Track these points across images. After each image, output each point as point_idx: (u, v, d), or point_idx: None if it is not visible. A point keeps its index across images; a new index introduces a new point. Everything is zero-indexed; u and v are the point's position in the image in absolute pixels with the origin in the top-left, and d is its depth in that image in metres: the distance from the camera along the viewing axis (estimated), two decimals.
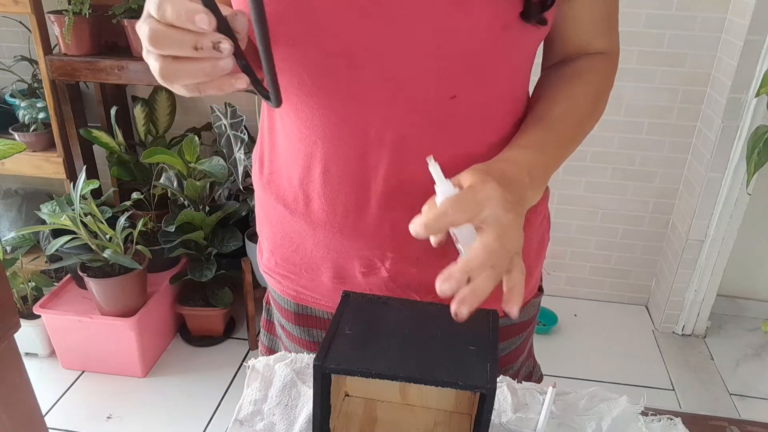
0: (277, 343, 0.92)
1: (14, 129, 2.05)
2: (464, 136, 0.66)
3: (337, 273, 0.75)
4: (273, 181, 0.75)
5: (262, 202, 0.80)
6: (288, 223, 0.76)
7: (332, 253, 0.74)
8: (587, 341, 2.27)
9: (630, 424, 0.68)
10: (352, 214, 0.70)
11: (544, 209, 0.81)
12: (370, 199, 0.68)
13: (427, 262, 0.72)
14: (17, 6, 1.79)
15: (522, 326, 0.85)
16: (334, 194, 0.69)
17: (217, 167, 1.88)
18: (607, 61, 0.71)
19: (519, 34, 0.60)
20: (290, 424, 0.67)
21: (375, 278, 0.74)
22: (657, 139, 2.18)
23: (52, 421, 1.81)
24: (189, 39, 0.46)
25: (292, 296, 0.82)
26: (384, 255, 0.72)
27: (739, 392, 2.04)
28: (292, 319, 0.84)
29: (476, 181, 0.52)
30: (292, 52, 0.61)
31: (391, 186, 0.67)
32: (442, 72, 0.61)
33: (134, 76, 1.88)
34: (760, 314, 2.39)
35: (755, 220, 2.20)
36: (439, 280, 0.50)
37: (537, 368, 0.96)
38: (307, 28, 0.59)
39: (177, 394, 1.94)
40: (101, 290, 1.85)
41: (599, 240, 2.39)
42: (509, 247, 0.51)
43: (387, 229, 0.70)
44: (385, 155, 0.65)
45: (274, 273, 0.82)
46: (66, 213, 1.72)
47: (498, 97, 0.66)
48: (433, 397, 0.66)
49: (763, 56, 1.85)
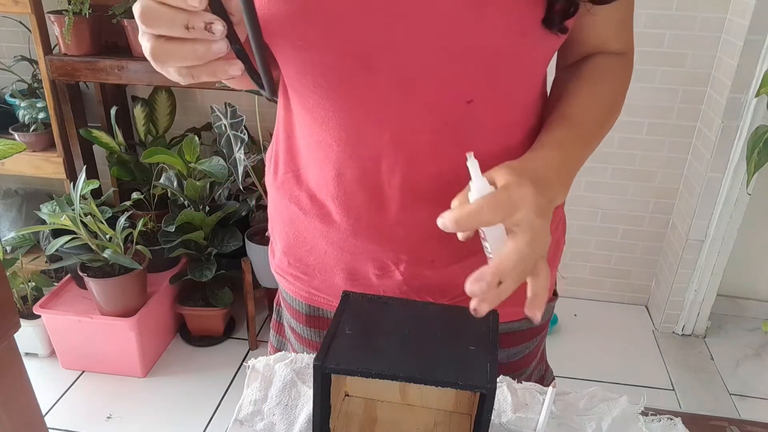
0: (286, 345, 0.92)
1: (14, 129, 2.06)
2: (480, 140, 0.65)
3: (350, 275, 0.75)
4: (287, 182, 0.75)
5: (275, 204, 0.80)
6: (302, 225, 0.75)
7: (346, 255, 0.74)
8: (587, 341, 2.27)
9: (630, 424, 0.68)
10: (367, 217, 0.69)
11: (560, 212, 0.81)
12: (384, 202, 0.68)
13: (442, 264, 0.72)
14: (17, 6, 1.79)
15: (536, 331, 0.84)
16: (349, 197, 0.69)
17: (217, 167, 1.88)
18: (624, 60, 0.71)
19: (536, 41, 0.60)
20: (290, 424, 0.67)
21: (389, 280, 0.74)
22: (657, 139, 2.18)
23: (52, 421, 1.81)
24: (180, 18, 0.45)
25: (304, 297, 0.82)
26: (398, 257, 0.72)
27: (739, 392, 2.04)
28: (303, 321, 0.84)
29: (511, 181, 0.52)
30: (307, 54, 0.60)
31: (406, 189, 0.66)
32: (457, 76, 0.60)
33: (134, 76, 1.88)
34: (760, 314, 2.39)
35: (755, 220, 2.20)
36: (470, 281, 0.50)
37: (549, 372, 0.95)
38: (320, 31, 0.58)
39: (177, 394, 1.94)
40: (101, 290, 1.85)
41: (599, 240, 2.39)
42: (538, 251, 0.52)
43: (401, 231, 0.69)
44: (400, 159, 0.64)
45: (286, 274, 0.82)
46: (66, 213, 1.72)
47: (514, 101, 0.66)
48: (433, 397, 0.66)
49: (763, 56, 1.85)
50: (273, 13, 0.58)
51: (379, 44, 0.58)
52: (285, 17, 0.58)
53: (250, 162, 1.88)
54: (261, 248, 1.98)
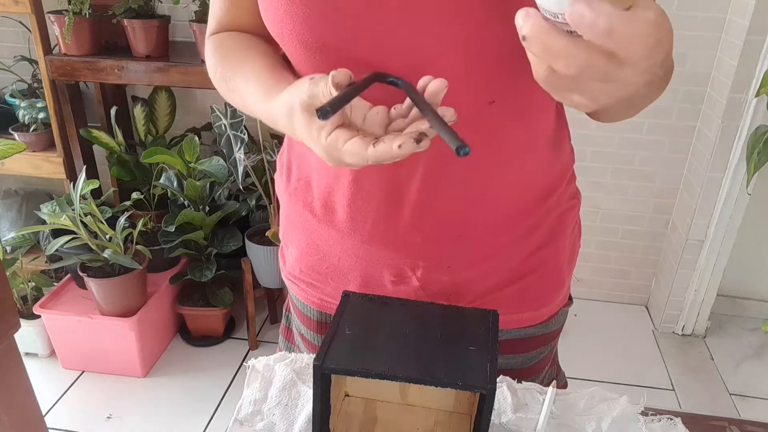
0: (294, 351, 0.92)
1: (14, 129, 2.05)
2: (502, 140, 0.64)
3: (365, 282, 0.74)
4: (300, 188, 0.74)
5: (288, 210, 0.79)
6: (315, 232, 0.75)
7: (361, 262, 0.73)
8: (587, 341, 2.27)
9: (630, 424, 0.68)
10: (383, 224, 0.68)
11: (576, 216, 0.80)
12: (402, 209, 0.67)
13: (459, 268, 0.72)
14: (17, 6, 1.79)
15: (552, 336, 0.84)
16: (365, 204, 0.68)
17: (217, 167, 1.88)
18: None
19: None
20: (290, 424, 0.67)
21: (405, 287, 0.73)
22: (657, 139, 2.18)
23: (52, 421, 1.81)
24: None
25: (315, 304, 0.81)
26: (415, 264, 0.71)
27: (739, 392, 2.04)
28: (313, 327, 0.83)
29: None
30: (323, 57, 0.59)
31: (424, 195, 0.65)
32: (479, 77, 0.59)
33: (134, 76, 1.88)
34: (760, 314, 2.39)
35: (755, 220, 2.20)
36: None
37: (561, 375, 0.95)
38: (337, 34, 0.57)
39: (177, 394, 1.94)
40: (101, 290, 1.85)
41: (599, 240, 2.39)
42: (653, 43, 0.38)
43: (419, 237, 0.68)
44: (419, 165, 0.63)
45: (298, 281, 0.81)
46: (66, 213, 1.72)
47: (536, 101, 0.65)
48: (433, 397, 0.66)
49: (763, 56, 1.85)
50: (290, 14, 0.58)
51: (397, 47, 0.57)
52: (302, 19, 0.57)
53: (250, 162, 1.88)
54: (261, 248, 1.98)
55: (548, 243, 0.75)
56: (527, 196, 0.71)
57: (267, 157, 1.92)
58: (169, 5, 1.99)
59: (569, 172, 0.77)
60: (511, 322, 0.77)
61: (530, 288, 0.76)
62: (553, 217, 0.75)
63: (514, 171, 0.68)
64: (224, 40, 0.70)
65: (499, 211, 0.69)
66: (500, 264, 0.74)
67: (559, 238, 0.76)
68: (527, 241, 0.73)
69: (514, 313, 0.77)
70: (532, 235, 0.73)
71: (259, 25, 0.64)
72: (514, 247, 0.73)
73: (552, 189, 0.73)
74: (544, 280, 0.77)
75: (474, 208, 0.68)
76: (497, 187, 0.68)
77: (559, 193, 0.74)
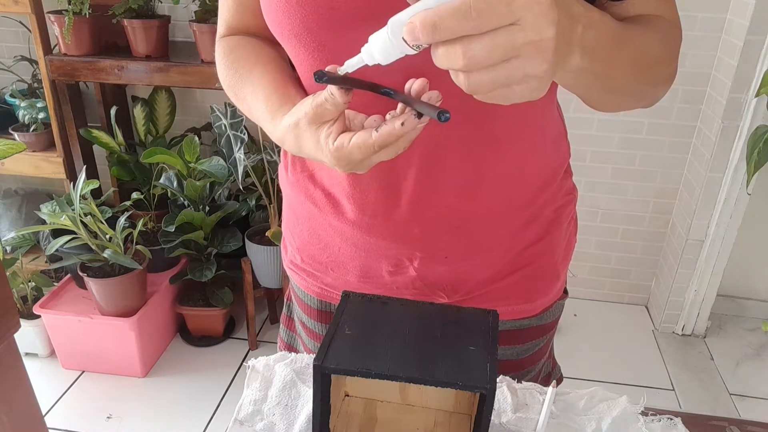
0: (296, 340, 0.93)
1: (14, 129, 2.06)
2: (501, 134, 0.65)
3: (363, 272, 0.76)
4: (301, 179, 0.76)
5: (289, 200, 0.81)
6: (316, 221, 0.76)
7: (360, 252, 0.74)
8: (587, 341, 2.27)
9: (630, 424, 0.68)
10: (381, 215, 0.70)
11: (572, 211, 0.81)
12: (400, 200, 0.68)
13: (455, 259, 0.73)
14: (17, 6, 1.79)
15: (547, 328, 0.85)
16: (363, 194, 0.69)
17: (217, 167, 1.88)
18: (673, 24, 0.63)
19: None
20: (290, 424, 0.67)
21: (402, 277, 0.75)
22: (657, 139, 2.18)
23: (52, 421, 1.81)
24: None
25: (316, 293, 0.83)
26: (413, 254, 0.72)
27: (739, 392, 2.04)
28: (314, 316, 0.85)
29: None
30: (321, 56, 0.61)
31: (421, 186, 0.67)
32: None
33: (134, 76, 1.88)
34: (760, 314, 2.39)
35: (755, 220, 2.20)
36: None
37: (557, 368, 0.96)
38: (333, 34, 0.59)
39: (177, 394, 1.94)
40: (101, 290, 1.85)
41: (599, 240, 2.39)
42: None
43: (416, 228, 0.70)
44: (416, 157, 0.65)
45: (298, 270, 0.83)
46: (66, 213, 1.72)
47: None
48: (433, 397, 0.66)
49: (763, 56, 1.85)
50: (288, 15, 0.59)
51: None
52: (299, 20, 0.59)
53: (250, 162, 1.88)
54: (261, 248, 1.98)
55: (544, 236, 0.76)
56: (523, 188, 0.72)
57: (267, 157, 1.92)
58: (169, 5, 1.99)
59: (565, 166, 0.79)
60: (507, 313, 0.78)
61: (526, 280, 0.77)
62: (549, 210, 0.76)
63: (510, 163, 0.69)
64: (234, 48, 0.71)
65: (495, 203, 0.70)
66: (497, 256, 0.75)
67: (554, 232, 0.78)
68: (524, 234, 0.75)
69: (510, 305, 0.78)
70: (529, 228, 0.75)
71: (264, 27, 0.66)
72: (510, 240, 0.74)
73: (548, 182, 0.74)
74: (539, 272, 0.78)
75: (471, 199, 0.69)
76: (493, 179, 0.69)
77: (555, 186, 0.76)
